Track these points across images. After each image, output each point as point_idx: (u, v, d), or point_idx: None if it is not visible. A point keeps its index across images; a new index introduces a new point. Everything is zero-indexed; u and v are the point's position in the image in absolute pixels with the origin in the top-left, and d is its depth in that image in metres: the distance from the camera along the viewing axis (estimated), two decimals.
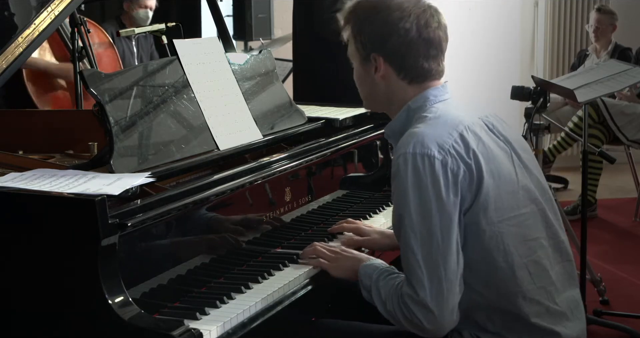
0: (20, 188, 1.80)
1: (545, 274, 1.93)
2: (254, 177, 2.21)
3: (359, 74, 2.04)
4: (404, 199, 1.83)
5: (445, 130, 1.85)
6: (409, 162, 1.82)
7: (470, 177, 1.82)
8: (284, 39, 5.30)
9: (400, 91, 1.98)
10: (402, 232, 1.84)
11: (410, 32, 1.92)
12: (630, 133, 5.27)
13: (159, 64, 2.30)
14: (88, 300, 1.69)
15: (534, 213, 1.93)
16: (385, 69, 1.96)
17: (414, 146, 1.82)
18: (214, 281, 2.02)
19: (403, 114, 1.98)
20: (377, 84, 1.99)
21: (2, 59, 2.28)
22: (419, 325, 1.83)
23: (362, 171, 2.91)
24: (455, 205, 1.81)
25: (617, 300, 3.86)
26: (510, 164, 1.92)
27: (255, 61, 2.64)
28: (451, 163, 1.81)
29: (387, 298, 1.90)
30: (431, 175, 1.80)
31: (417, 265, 1.81)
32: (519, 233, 1.89)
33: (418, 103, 1.96)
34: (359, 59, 2.01)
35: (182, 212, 1.93)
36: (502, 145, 1.94)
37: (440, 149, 1.81)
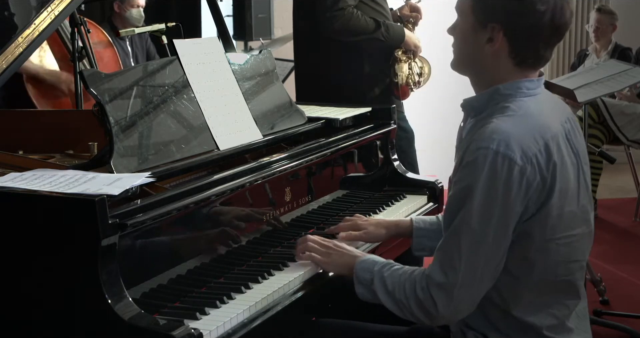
0: (20, 188, 1.80)
1: (574, 293, 1.92)
2: (254, 177, 2.21)
3: (464, 34, 1.90)
4: (470, 192, 1.78)
5: (532, 135, 1.80)
6: (488, 158, 1.76)
7: (541, 190, 1.79)
8: (284, 39, 5.30)
9: (501, 69, 1.88)
10: (456, 221, 1.80)
11: (545, 16, 1.81)
12: (630, 133, 5.27)
13: (159, 64, 2.30)
14: (88, 300, 1.69)
15: (584, 235, 1.91)
16: (500, 44, 1.85)
17: (498, 144, 1.76)
18: (214, 281, 2.02)
19: (488, 94, 1.89)
20: (481, 53, 1.88)
21: (2, 59, 2.28)
22: (431, 310, 1.82)
23: (362, 171, 2.91)
24: (517, 215, 1.78)
25: (617, 300, 3.86)
26: (576, 182, 1.88)
27: (255, 61, 2.64)
28: (529, 173, 1.77)
29: (395, 287, 1.88)
30: (507, 179, 1.76)
31: (458, 257, 1.79)
32: (564, 253, 1.87)
33: (509, 90, 1.87)
34: (472, 22, 1.87)
35: (182, 212, 1.93)
36: (574, 160, 1.89)
37: (524, 155, 1.76)
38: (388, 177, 2.98)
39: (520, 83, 1.88)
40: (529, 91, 1.88)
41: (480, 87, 1.93)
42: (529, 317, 1.88)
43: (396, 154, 3.02)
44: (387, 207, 2.74)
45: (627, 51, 5.75)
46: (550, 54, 1.90)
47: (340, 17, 3.46)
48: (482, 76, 1.92)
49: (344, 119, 2.82)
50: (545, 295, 1.88)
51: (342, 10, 3.47)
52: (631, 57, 5.62)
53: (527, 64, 1.88)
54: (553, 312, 1.90)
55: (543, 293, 1.88)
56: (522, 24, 1.83)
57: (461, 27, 1.92)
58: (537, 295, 1.88)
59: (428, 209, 2.83)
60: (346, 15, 3.47)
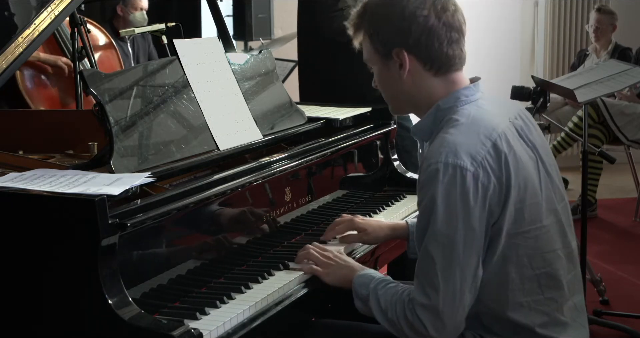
0: (20, 188, 1.80)
1: (557, 285, 1.92)
2: (254, 177, 2.21)
3: (381, 77, 1.96)
4: (431, 209, 1.79)
5: (479, 139, 1.81)
6: (440, 172, 1.77)
7: (499, 191, 1.79)
8: (284, 39, 5.30)
9: (427, 86, 1.91)
10: (425, 239, 1.82)
11: (430, 19, 1.85)
12: (630, 133, 5.27)
13: (159, 64, 2.30)
14: (88, 300, 1.69)
15: (552, 224, 1.91)
16: (410, 62, 1.88)
17: (446, 156, 1.78)
18: (214, 281, 2.02)
19: (432, 113, 1.92)
20: (403, 83, 1.92)
21: (2, 59, 2.28)
22: (422, 332, 1.82)
23: (362, 171, 2.91)
24: (482, 220, 1.79)
25: (617, 300, 3.86)
26: (536, 174, 1.89)
27: (255, 61, 2.64)
28: (483, 176, 1.77)
29: (387, 307, 1.88)
30: (461, 187, 1.76)
31: (434, 274, 1.79)
32: (535, 246, 1.87)
33: (448, 103, 1.90)
34: (380, 60, 1.93)
35: (182, 212, 1.93)
36: (530, 153, 1.90)
37: (473, 161, 1.77)
38: (388, 177, 2.98)
39: (457, 93, 1.91)
40: (467, 98, 1.90)
41: (425, 112, 1.96)
42: (519, 318, 1.87)
43: (396, 154, 3.02)
44: (387, 207, 2.74)
45: (627, 51, 5.75)
46: (461, 51, 1.91)
47: (339, 18, 3.46)
48: (418, 105, 1.96)
49: (344, 119, 2.82)
50: (530, 293, 1.88)
51: (341, 11, 3.46)
52: (631, 57, 5.62)
53: (445, 69, 1.90)
54: (541, 309, 1.89)
55: (526, 291, 1.87)
56: (415, 34, 1.86)
57: (376, 73, 1.98)
58: (521, 294, 1.87)
59: None
60: (345, 16, 3.46)
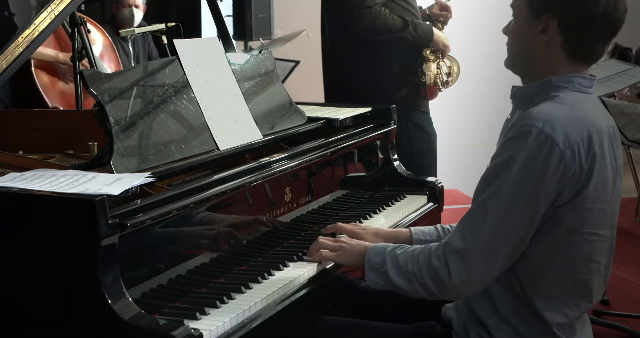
0: (20, 188, 1.80)
1: (587, 296, 1.93)
2: (254, 177, 2.21)
3: (518, 29, 1.94)
4: (508, 165, 1.80)
5: (578, 124, 1.82)
6: (532, 136, 1.78)
7: (577, 180, 1.80)
8: (284, 39, 5.30)
9: (553, 61, 1.91)
10: (487, 192, 1.82)
11: (598, 6, 1.83)
12: (630, 132, 5.27)
13: (159, 64, 2.30)
14: (88, 300, 1.69)
15: (607, 239, 1.92)
16: (554, 34, 1.87)
17: (543, 124, 1.79)
18: (214, 281, 2.02)
19: (541, 84, 1.91)
20: (534, 46, 1.91)
21: (2, 59, 2.28)
22: (444, 277, 1.82)
23: (362, 171, 2.91)
24: (549, 198, 1.80)
25: (617, 300, 3.86)
26: (612, 184, 1.91)
27: (255, 61, 2.64)
28: (569, 158, 1.79)
29: (407, 261, 1.89)
30: (545, 159, 1.77)
31: (482, 223, 1.80)
32: (587, 250, 1.87)
33: (561, 82, 1.90)
34: (527, 15, 1.90)
35: (182, 212, 1.93)
36: (613, 163, 1.92)
37: (566, 140, 1.78)
38: (388, 177, 2.98)
39: (573, 77, 1.90)
40: (580, 86, 1.91)
41: (531, 81, 1.95)
42: (543, 310, 1.88)
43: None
44: (387, 207, 2.74)
45: (627, 51, 5.75)
46: (603, 48, 1.91)
47: (367, 16, 3.43)
48: (534, 68, 1.94)
49: (344, 119, 2.82)
50: (563, 291, 1.89)
51: (369, 9, 3.43)
52: (631, 57, 5.62)
53: (579, 58, 1.90)
54: (566, 311, 1.90)
55: (561, 289, 1.89)
56: (575, 13, 1.85)
57: (515, 23, 1.96)
58: (555, 288, 1.88)
59: (428, 209, 2.83)
60: (374, 13, 3.44)
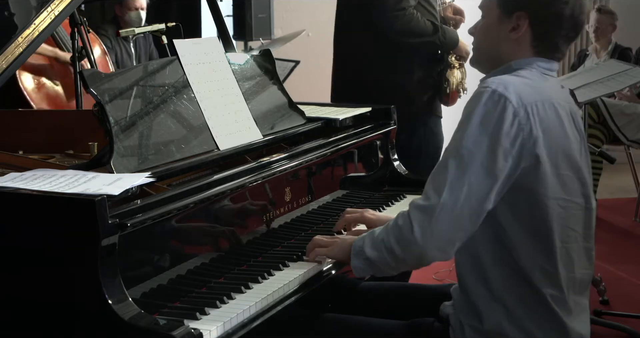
0: (20, 188, 1.80)
1: (571, 268, 1.94)
2: (254, 177, 2.21)
3: (487, 28, 2.00)
4: (465, 122, 1.85)
5: (533, 92, 1.87)
6: (486, 93, 1.83)
7: (535, 140, 1.83)
8: (284, 39, 5.30)
9: (520, 56, 1.97)
10: (447, 149, 1.87)
11: (567, 7, 1.91)
12: (630, 133, 5.27)
13: (159, 64, 2.30)
14: (88, 300, 1.69)
15: (581, 207, 1.95)
16: (524, 32, 1.94)
17: (497, 85, 1.84)
18: (214, 281, 2.02)
19: (503, 69, 1.97)
20: (504, 43, 1.97)
21: (2, 59, 2.28)
22: (408, 235, 1.84)
23: (362, 171, 2.91)
24: (508, 156, 1.81)
25: (617, 300, 3.86)
26: (578, 153, 1.94)
27: (255, 61, 2.65)
28: (522, 117, 1.82)
29: (380, 232, 1.92)
30: (500, 115, 1.81)
31: (443, 181, 1.83)
32: (564, 217, 1.90)
33: (521, 64, 1.96)
34: (498, 14, 1.97)
35: (182, 212, 1.93)
36: (576, 135, 1.95)
37: (520, 101, 1.83)
38: (388, 177, 2.98)
39: (533, 60, 1.96)
40: (540, 67, 1.96)
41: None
42: (534, 279, 1.89)
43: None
44: (387, 207, 2.74)
45: (627, 51, 5.76)
46: (566, 49, 1.98)
47: (401, 18, 3.40)
48: (501, 65, 1.98)
49: (344, 119, 2.82)
50: (550, 258, 1.90)
51: (404, 11, 3.41)
52: (631, 57, 5.62)
53: (546, 55, 1.96)
54: (556, 281, 1.91)
55: (548, 256, 1.90)
56: (547, 12, 1.92)
57: (485, 22, 2.01)
58: (543, 255, 1.90)
59: None
60: (407, 16, 3.41)
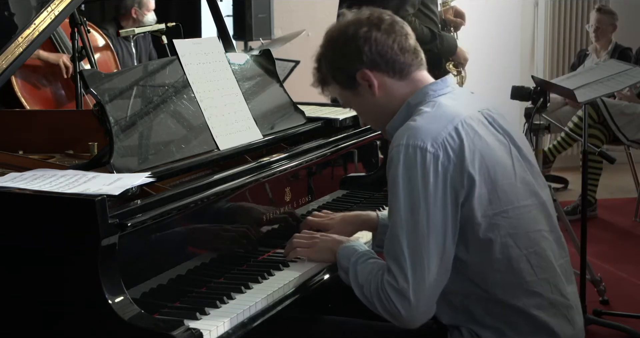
0: (20, 188, 1.80)
1: (549, 265, 1.94)
2: (254, 177, 2.21)
3: (361, 106, 2.05)
4: (394, 190, 1.84)
5: (441, 124, 1.86)
6: (401, 153, 1.83)
7: (461, 171, 1.83)
8: (284, 39, 5.30)
9: (398, 92, 1.99)
10: (391, 221, 1.86)
11: (372, 32, 1.96)
12: (630, 133, 5.27)
13: (159, 64, 2.30)
14: (88, 300, 1.69)
15: (534, 205, 1.94)
16: (375, 77, 1.97)
17: (407, 138, 1.84)
18: (214, 281, 2.02)
19: (403, 110, 1.99)
20: (378, 99, 2.00)
21: (2, 59, 2.28)
22: (394, 312, 1.84)
23: (362, 171, 2.91)
24: (445, 200, 1.82)
25: (617, 300, 3.86)
26: (508, 157, 1.93)
27: (255, 61, 2.65)
28: (443, 157, 1.82)
29: (364, 283, 1.91)
30: (422, 167, 1.81)
31: (402, 255, 1.82)
32: (518, 225, 1.89)
33: (418, 99, 1.97)
34: (352, 93, 2.02)
35: (182, 212, 1.93)
36: (500, 138, 1.95)
37: (434, 142, 1.83)
38: None
39: (425, 88, 1.98)
40: (435, 92, 1.97)
41: None
42: (511, 299, 1.89)
43: None
44: (387, 207, 2.73)
45: (627, 51, 5.75)
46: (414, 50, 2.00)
47: None
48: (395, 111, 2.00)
49: (344, 119, 2.82)
50: (521, 273, 1.89)
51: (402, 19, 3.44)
52: (631, 57, 5.62)
53: (407, 70, 1.99)
54: (534, 289, 1.91)
55: (517, 272, 1.89)
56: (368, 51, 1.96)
57: (354, 105, 2.07)
58: (512, 275, 1.89)
59: None
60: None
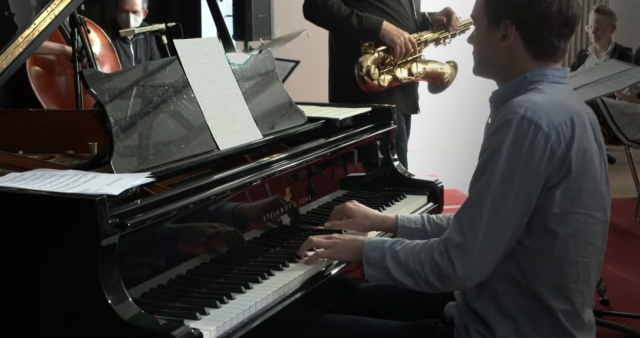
0: (20, 188, 1.80)
1: (588, 281, 1.94)
2: (254, 177, 2.21)
3: (480, 38, 2.01)
4: (495, 156, 1.83)
5: (559, 109, 1.86)
6: (514, 122, 1.82)
7: (564, 160, 1.83)
8: (284, 39, 5.30)
9: (520, 63, 1.96)
10: (479, 185, 1.85)
11: (552, 6, 1.90)
12: (630, 132, 5.27)
13: (159, 64, 2.30)
14: (88, 300, 1.69)
15: (601, 221, 1.94)
16: (515, 38, 1.94)
17: (525, 110, 1.82)
18: (214, 281, 2.02)
19: (517, 82, 1.96)
20: (499, 52, 1.97)
21: (2, 59, 2.28)
22: (448, 272, 1.84)
23: (362, 171, 2.91)
24: (540, 181, 1.82)
25: (617, 300, 3.86)
26: (599, 166, 1.93)
27: (255, 61, 2.65)
28: (554, 140, 1.81)
29: (408, 258, 1.91)
30: (531, 143, 1.81)
31: (479, 216, 1.82)
32: (583, 232, 1.89)
33: (536, 77, 1.94)
34: (487, 24, 1.97)
35: (182, 212, 1.93)
36: (596, 147, 1.94)
37: (550, 123, 1.82)
38: (388, 177, 2.98)
39: (547, 70, 1.95)
40: (555, 77, 1.95)
41: (506, 83, 1.99)
42: (547, 298, 1.89)
43: (396, 155, 3.02)
44: (387, 207, 2.74)
45: (627, 51, 5.75)
46: (565, 45, 1.96)
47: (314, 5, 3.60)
48: (504, 73, 1.99)
49: (344, 119, 2.82)
50: (565, 275, 1.89)
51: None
52: (631, 57, 5.62)
53: (545, 56, 1.95)
54: (570, 296, 1.91)
55: (563, 272, 1.89)
56: (532, 15, 1.91)
57: (477, 32, 2.02)
58: (557, 273, 1.89)
59: (428, 209, 2.84)
60: (320, 3, 3.58)
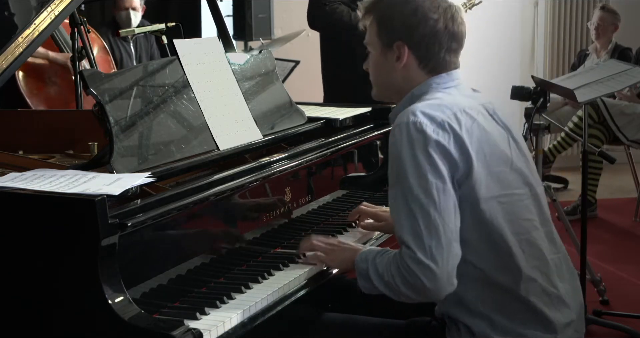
0: (20, 188, 1.80)
1: (540, 255, 1.96)
2: (254, 177, 2.21)
3: (376, 63, 2.06)
4: (400, 166, 1.87)
5: (441, 110, 1.90)
6: (403, 131, 1.87)
7: (460, 150, 1.86)
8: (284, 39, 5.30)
9: (417, 80, 2.02)
10: (400, 197, 1.87)
11: (438, 23, 1.97)
12: (630, 133, 5.27)
13: (159, 64, 2.30)
14: (88, 300, 1.69)
15: (527, 195, 1.97)
16: (408, 58, 1.99)
17: (407, 117, 1.88)
18: (214, 281, 2.02)
19: (407, 99, 2.02)
20: (395, 73, 2.02)
21: (2, 59, 2.28)
22: (418, 285, 1.84)
23: (362, 171, 2.91)
24: (447, 175, 1.85)
25: (617, 300, 3.86)
26: (506, 146, 1.97)
27: (255, 61, 2.65)
28: (442, 134, 1.86)
29: (384, 270, 1.91)
30: (423, 141, 1.85)
31: (417, 225, 1.83)
32: (511, 211, 1.92)
33: (422, 90, 2.00)
34: (380, 48, 2.03)
35: (182, 212, 1.93)
36: (500, 130, 1.99)
37: (432, 121, 1.87)
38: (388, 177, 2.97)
39: (430, 81, 2.01)
40: (439, 85, 2.00)
41: None
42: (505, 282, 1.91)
43: None
44: (387, 207, 2.74)
45: (627, 51, 5.75)
46: (456, 59, 2.03)
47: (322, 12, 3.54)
48: (405, 92, 2.04)
49: (344, 119, 2.83)
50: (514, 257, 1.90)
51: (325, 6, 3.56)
52: (631, 57, 5.62)
53: (437, 71, 2.01)
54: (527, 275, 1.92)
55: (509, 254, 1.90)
56: (421, 33, 1.97)
57: (373, 57, 2.07)
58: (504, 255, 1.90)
59: None
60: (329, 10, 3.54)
